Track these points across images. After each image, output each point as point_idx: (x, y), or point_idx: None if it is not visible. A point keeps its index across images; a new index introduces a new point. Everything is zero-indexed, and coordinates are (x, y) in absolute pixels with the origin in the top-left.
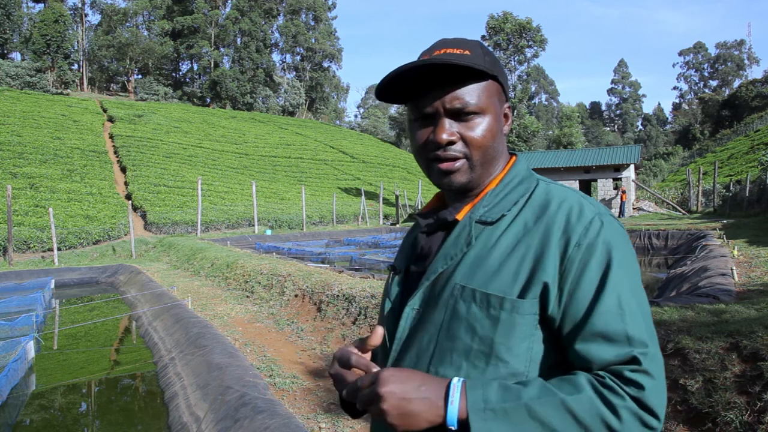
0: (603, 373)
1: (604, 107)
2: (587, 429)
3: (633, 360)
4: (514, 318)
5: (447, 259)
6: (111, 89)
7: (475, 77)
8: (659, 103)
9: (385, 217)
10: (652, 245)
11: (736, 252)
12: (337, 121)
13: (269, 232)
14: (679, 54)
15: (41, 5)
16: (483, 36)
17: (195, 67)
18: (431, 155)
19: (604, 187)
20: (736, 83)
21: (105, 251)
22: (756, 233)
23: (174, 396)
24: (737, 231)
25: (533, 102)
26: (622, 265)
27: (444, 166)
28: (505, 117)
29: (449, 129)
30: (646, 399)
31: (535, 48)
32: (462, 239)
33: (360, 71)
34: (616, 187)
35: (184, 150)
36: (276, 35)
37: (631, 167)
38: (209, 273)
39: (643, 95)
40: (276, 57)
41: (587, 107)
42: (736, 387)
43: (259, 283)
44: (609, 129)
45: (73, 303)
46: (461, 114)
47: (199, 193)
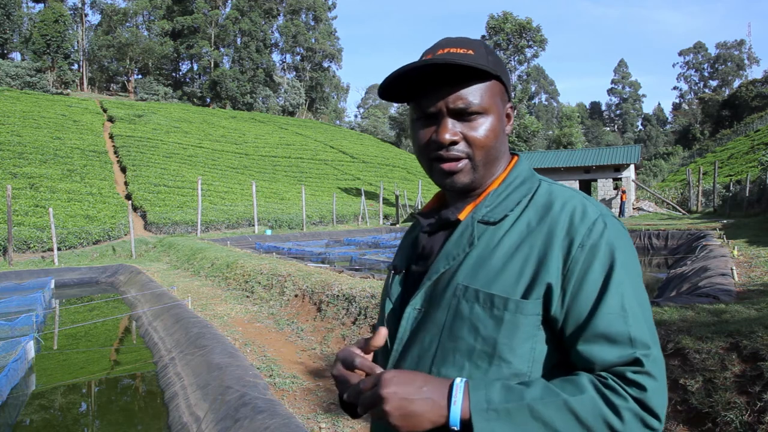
0: (605, 374)
1: (604, 107)
2: (589, 429)
3: (635, 361)
4: (517, 318)
5: (449, 259)
6: (111, 89)
7: (479, 77)
8: (659, 103)
9: (385, 217)
10: (652, 245)
11: (736, 252)
12: (337, 121)
13: (269, 232)
14: (679, 54)
15: (41, 5)
16: (483, 36)
17: (195, 67)
18: (434, 155)
19: (604, 187)
20: (736, 83)
21: (105, 251)
22: (756, 233)
23: (174, 396)
24: (737, 231)
25: (533, 102)
26: (624, 267)
27: (447, 166)
28: (508, 117)
29: (452, 129)
30: (647, 400)
31: (535, 48)
32: (464, 239)
33: (360, 71)
34: (616, 187)
35: (184, 150)
36: (276, 35)
37: (631, 167)
38: (209, 273)
39: (643, 95)
40: (276, 57)
41: (587, 107)
42: (736, 387)
43: (259, 283)
44: (609, 129)
45: (73, 303)
46: (464, 114)
47: (199, 193)
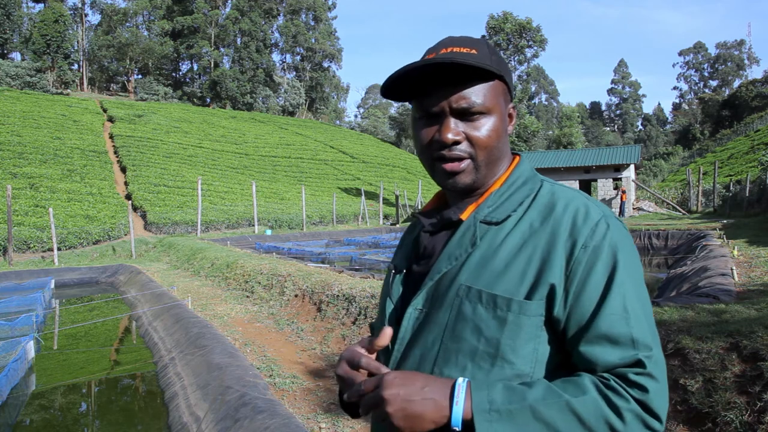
0: (607, 376)
1: (604, 107)
2: (591, 430)
3: (637, 363)
4: (520, 319)
5: (451, 259)
6: (111, 89)
7: (482, 77)
8: (659, 103)
9: (385, 217)
10: (652, 245)
11: (736, 252)
12: (337, 121)
13: (269, 232)
14: (679, 54)
15: (41, 5)
16: (483, 36)
17: (195, 67)
18: (436, 155)
19: (604, 187)
20: (736, 83)
21: (105, 251)
22: (756, 233)
23: (174, 396)
24: (737, 231)
25: (533, 102)
26: (627, 268)
27: (449, 166)
28: (510, 117)
29: (455, 129)
30: (649, 402)
31: (535, 48)
32: (467, 239)
33: (360, 71)
34: (616, 187)
35: (184, 150)
36: (276, 35)
37: (631, 167)
38: (209, 273)
39: (643, 95)
40: (276, 57)
41: (587, 107)
42: (736, 387)
43: (259, 283)
44: (609, 129)
45: (73, 303)
46: (467, 114)
47: (199, 193)
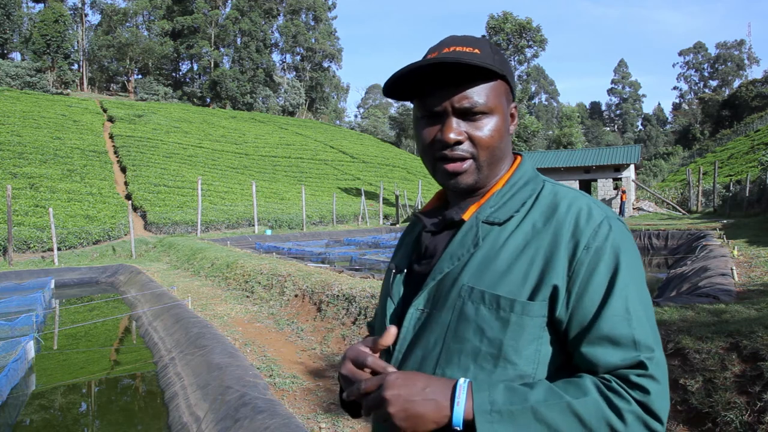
0: (609, 377)
1: (604, 107)
2: None
3: (639, 364)
4: (523, 320)
5: (453, 260)
6: (111, 89)
7: (485, 77)
8: (659, 103)
9: (385, 217)
10: (652, 245)
11: (736, 252)
12: (337, 121)
13: (269, 232)
14: (679, 54)
15: (41, 5)
16: (483, 36)
17: (195, 67)
18: (438, 154)
19: (604, 187)
20: (736, 83)
21: (105, 251)
22: (756, 233)
23: (174, 396)
24: (737, 231)
25: (533, 102)
26: (629, 270)
27: (451, 167)
28: (512, 117)
29: (457, 128)
30: (650, 403)
31: (535, 48)
32: (469, 240)
33: (360, 71)
34: (616, 187)
35: (184, 150)
36: (276, 35)
37: (631, 167)
38: (209, 273)
39: (643, 95)
40: (276, 57)
41: (587, 107)
42: (736, 387)
43: (259, 283)
44: (609, 129)
45: (73, 303)
46: (469, 114)
47: (199, 193)
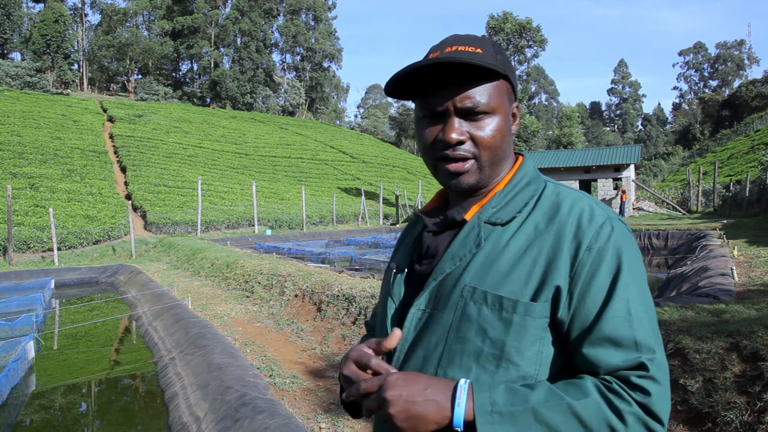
0: (610, 378)
1: (604, 107)
2: None
3: (640, 366)
4: (526, 321)
5: (455, 260)
6: (111, 89)
7: (487, 76)
8: (659, 103)
9: (385, 217)
10: (652, 245)
11: (736, 252)
12: (337, 121)
13: (269, 232)
14: (679, 54)
15: (41, 5)
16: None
17: (195, 67)
18: (440, 154)
19: (604, 187)
20: (736, 83)
21: (105, 251)
22: (756, 233)
23: (174, 396)
24: (737, 231)
25: (533, 102)
26: (631, 271)
27: (453, 167)
28: (514, 117)
29: (459, 128)
30: (651, 405)
31: (535, 48)
32: (471, 240)
33: (360, 71)
34: (616, 187)
35: (184, 150)
36: (276, 35)
37: (631, 167)
38: (209, 273)
39: (643, 95)
40: (276, 57)
41: (587, 107)
42: (736, 387)
43: (259, 283)
44: (609, 129)
45: (73, 303)
46: (471, 113)
47: (199, 193)
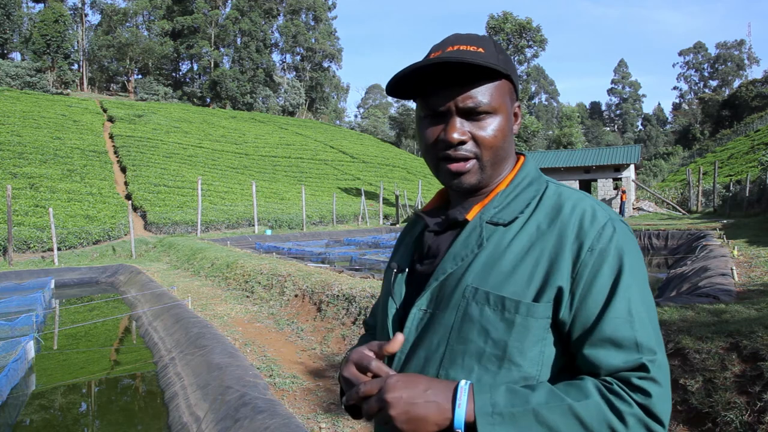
0: (610, 379)
1: (604, 107)
2: None
3: (641, 367)
4: (528, 322)
5: (457, 260)
6: (111, 89)
7: (489, 76)
8: (659, 103)
9: (385, 217)
10: (652, 245)
11: (736, 252)
12: (337, 121)
13: (269, 232)
14: (679, 54)
15: (41, 5)
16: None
17: (195, 67)
18: (441, 154)
19: (604, 187)
20: (736, 83)
21: (105, 251)
22: (756, 233)
23: (174, 396)
24: (737, 231)
25: (533, 102)
26: (632, 272)
27: (454, 167)
28: (515, 116)
29: (460, 128)
30: (652, 406)
31: (535, 48)
32: (473, 240)
33: (360, 71)
34: (616, 187)
35: (184, 150)
36: (276, 35)
37: (631, 167)
38: (209, 273)
39: (643, 95)
40: (276, 57)
41: (587, 107)
42: (736, 387)
43: (259, 283)
44: (609, 129)
45: (73, 303)
46: (473, 113)
47: (199, 193)
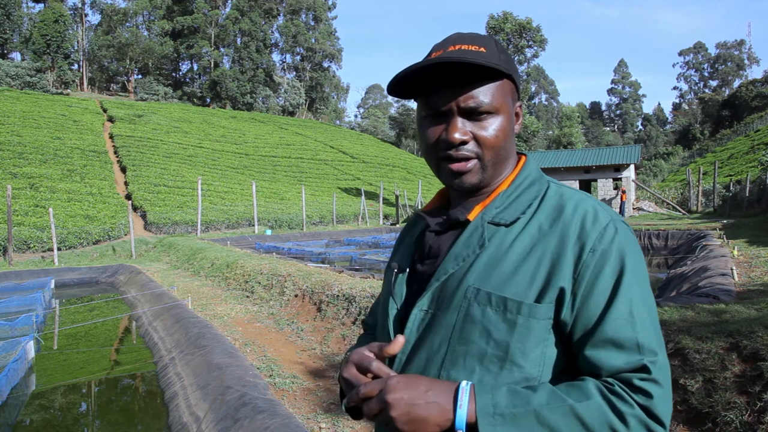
0: (612, 380)
1: (604, 107)
2: None
3: (642, 368)
4: (530, 322)
5: (458, 260)
6: (111, 89)
7: (491, 76)
8: (659, 103)
9: (385, 217)
10: (652, 245)
11: (736, 252)
12: (337, 121)
13: (269, 232)
14: (679, 54)
15: (41, 5)
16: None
17: (195, 67)
18: (443, 154)
19: (604, 187)
20: (736, 83)
21: (105, 251)
22: (756, 233)
23: (174, 396)
24: (737, 231)
25: (533, 102)
26: (634, 273)
27: (456, 166)
28: (517, 116)
29: (462, 128)
30: (653, 407)
31: (535, 48)
32: (474, 240)
33: (360, 71)
34: (616, 187)
35: (184, 150)
36: (276, 35)
37: (631, 167)
38: (209, 273)
39: (643, 95)
40: (276, 57)
41: (587, 107)
42: (736, 387)
43: (259, 283)
44: (609, 129)
45: (73, 303)
46: (475, 113)
47: (199, 193)
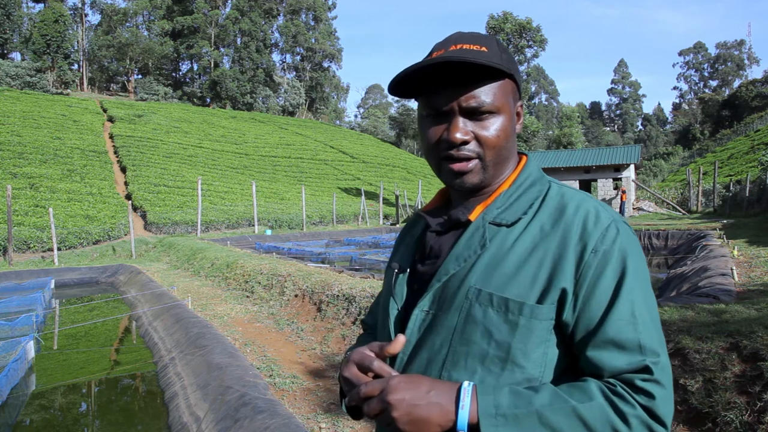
0: (614, 381)
1: (604, 107)
2: None
3: (645, 369)
4: (532, 323)
5: (460, 261)
6: (111, 89)
7: (492, 76)
8: (659, 103)
9: (385, 217)
10: (652, 245)
11: (736, 252)
12: (337, 121)
13: (269, 232)
14: (679, 54)
15: (41, 5)
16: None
17: (195, 67)
18: (444, 154)
19: (604, 187)
20: (736, 83)
21: (105, 251)
22: (756, 233)
23: (174, 396)
24: (737, 231)
25: (533, 102)
26: (635, 274)
27: (457, 166)
28: (518, 116)
29: (463, 128)
30: (655, 408)
31: (535, 48)
32: (476, 241)
33: (360, 71)
34: (616, 187)
35: (184, 150)
36: (276, 35)
37: (631, 167)
38: (209, 273)
39: (643, 95)
40: (276, 57)
41: (587, 107)
42: (736, 387)
43: (259, 283)
44: (609, 129)
45: (73, 303)
46: (476, 113)
47: (199, 193)
